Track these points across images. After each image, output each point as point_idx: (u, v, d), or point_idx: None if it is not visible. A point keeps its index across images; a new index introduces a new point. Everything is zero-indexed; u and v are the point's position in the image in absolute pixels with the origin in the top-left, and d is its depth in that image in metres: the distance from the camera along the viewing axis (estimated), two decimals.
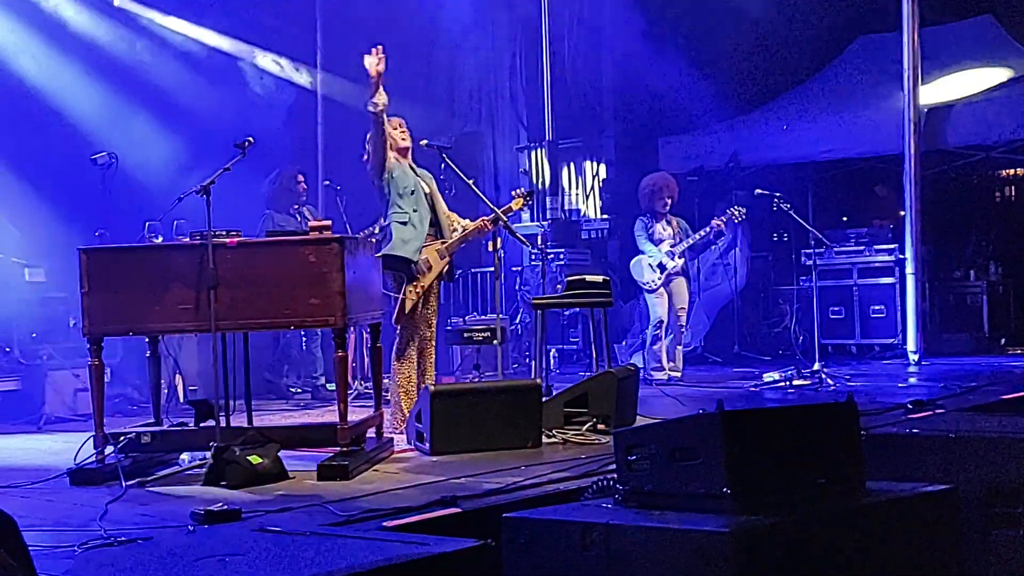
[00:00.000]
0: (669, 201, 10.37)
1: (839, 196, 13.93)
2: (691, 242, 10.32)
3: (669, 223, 10.41)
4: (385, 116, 7.10)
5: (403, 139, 7.35)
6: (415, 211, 7.21)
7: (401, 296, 7.13)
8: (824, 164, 12.94)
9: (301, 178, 9.89)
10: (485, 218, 7.49)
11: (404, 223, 7.17)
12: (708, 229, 10.30)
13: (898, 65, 11.47)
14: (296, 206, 9.78)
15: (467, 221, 7.56)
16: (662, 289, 10.24)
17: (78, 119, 10.59)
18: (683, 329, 10.46)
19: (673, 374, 10.16)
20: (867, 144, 12.40)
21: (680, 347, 10.40)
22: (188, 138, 10.90)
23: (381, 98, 6.99)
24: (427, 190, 7.37)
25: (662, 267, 10.20)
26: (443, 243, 7.32)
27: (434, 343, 7.50)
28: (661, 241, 10.31)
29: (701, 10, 13.26)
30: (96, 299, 5.99)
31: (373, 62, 6.91)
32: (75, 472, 5.83)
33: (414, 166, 7.42)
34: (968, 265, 12.95)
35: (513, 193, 7.79)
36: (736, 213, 10.29)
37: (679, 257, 10.28)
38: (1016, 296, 12.90)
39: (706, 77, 12.97)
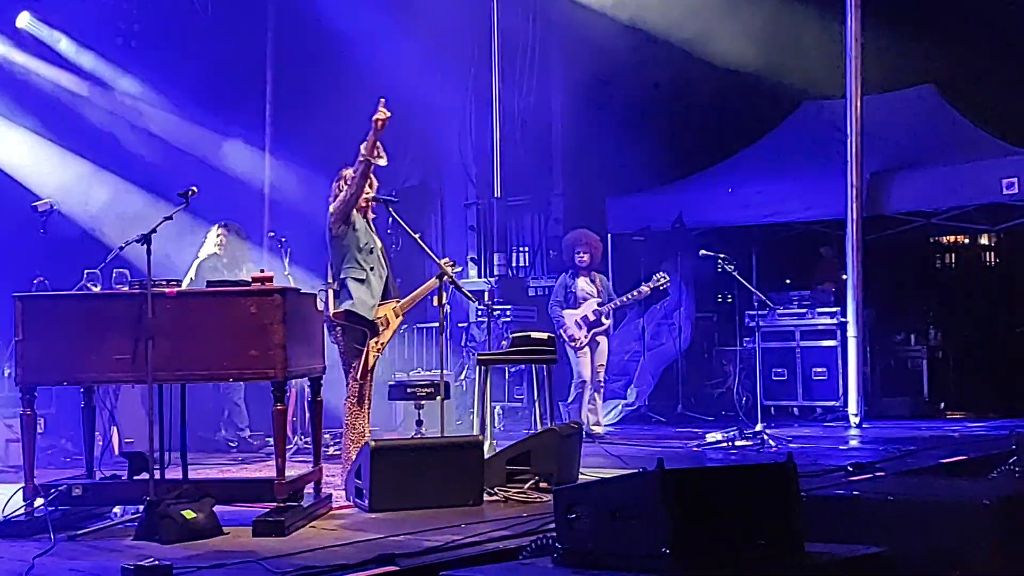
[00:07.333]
0: (586, 256, 10.46)
1: (783, 259, 14.06)
2: (617, 304, 10.40)
3: (592, 280, 10.49)
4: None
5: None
6: (372, 269, 7.03)
7: (365, 351, 6.97)
8: (768, 227, 13.05)
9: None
10: (436, 278, 7.43)
11: (361, 281, 6.94)
12: (636, 293, 10.38)
13: (841, 131, 11.65)
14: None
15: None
16: (587, 348, 10.30)
17: (15, 166, 10.50)
18: (602, 385, 10.54)
19: (596, 429, 10.17)
20: (811, 208, 12.53)
21: (600, 402, 10.46)
22: (131, 186, 10.81)
23: (382, 158, 6.98)
24: (381, 247, 7.28)
25: (588, 324, 10.26)
26: (398, 302, 7.23)
27: None
28: (586, 299, 10.40)
29: (648, 74, 13.42)
30: (30, 347, 5.89)
31: (382, 114, 6.92)
32: (3, 524, 5.71)
33: (372, 225, 7.32)
34: (909, 330, 13.09)
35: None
36: (661, 281, 10.38)
37: (606, 318, 10.34)
38: (955, 361, 13.05)
39: (653, 140, 13.07)
